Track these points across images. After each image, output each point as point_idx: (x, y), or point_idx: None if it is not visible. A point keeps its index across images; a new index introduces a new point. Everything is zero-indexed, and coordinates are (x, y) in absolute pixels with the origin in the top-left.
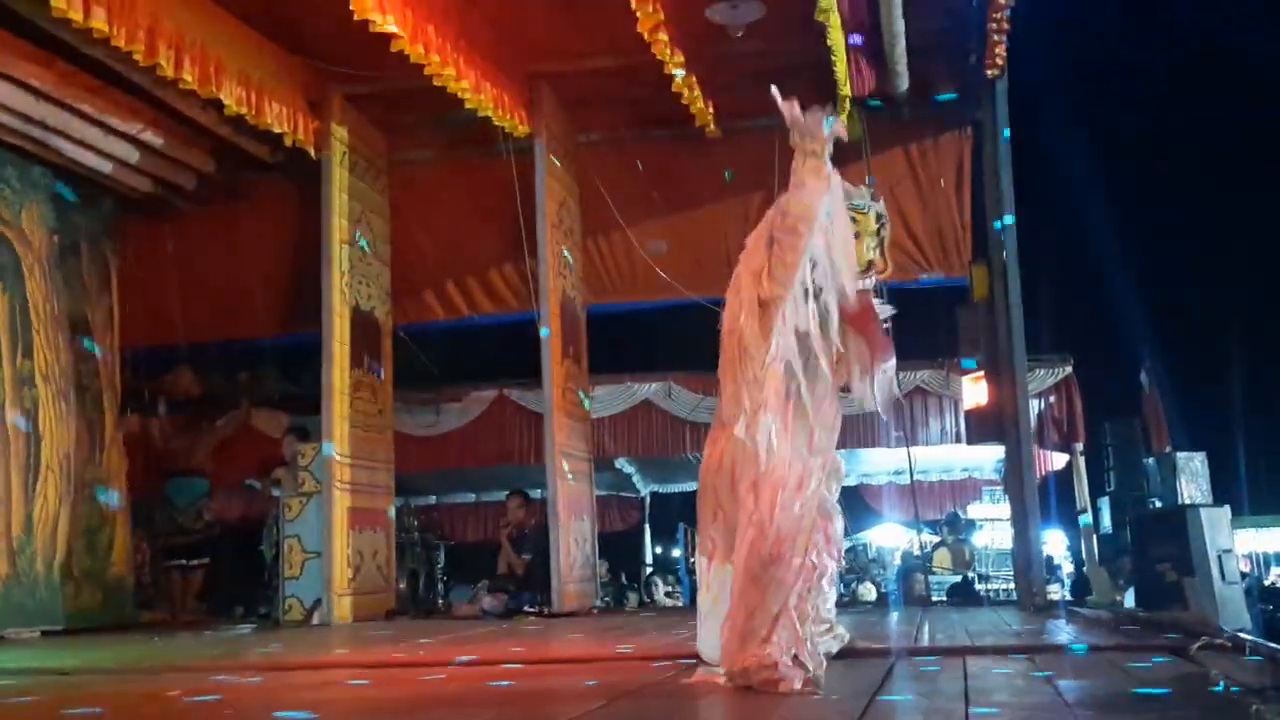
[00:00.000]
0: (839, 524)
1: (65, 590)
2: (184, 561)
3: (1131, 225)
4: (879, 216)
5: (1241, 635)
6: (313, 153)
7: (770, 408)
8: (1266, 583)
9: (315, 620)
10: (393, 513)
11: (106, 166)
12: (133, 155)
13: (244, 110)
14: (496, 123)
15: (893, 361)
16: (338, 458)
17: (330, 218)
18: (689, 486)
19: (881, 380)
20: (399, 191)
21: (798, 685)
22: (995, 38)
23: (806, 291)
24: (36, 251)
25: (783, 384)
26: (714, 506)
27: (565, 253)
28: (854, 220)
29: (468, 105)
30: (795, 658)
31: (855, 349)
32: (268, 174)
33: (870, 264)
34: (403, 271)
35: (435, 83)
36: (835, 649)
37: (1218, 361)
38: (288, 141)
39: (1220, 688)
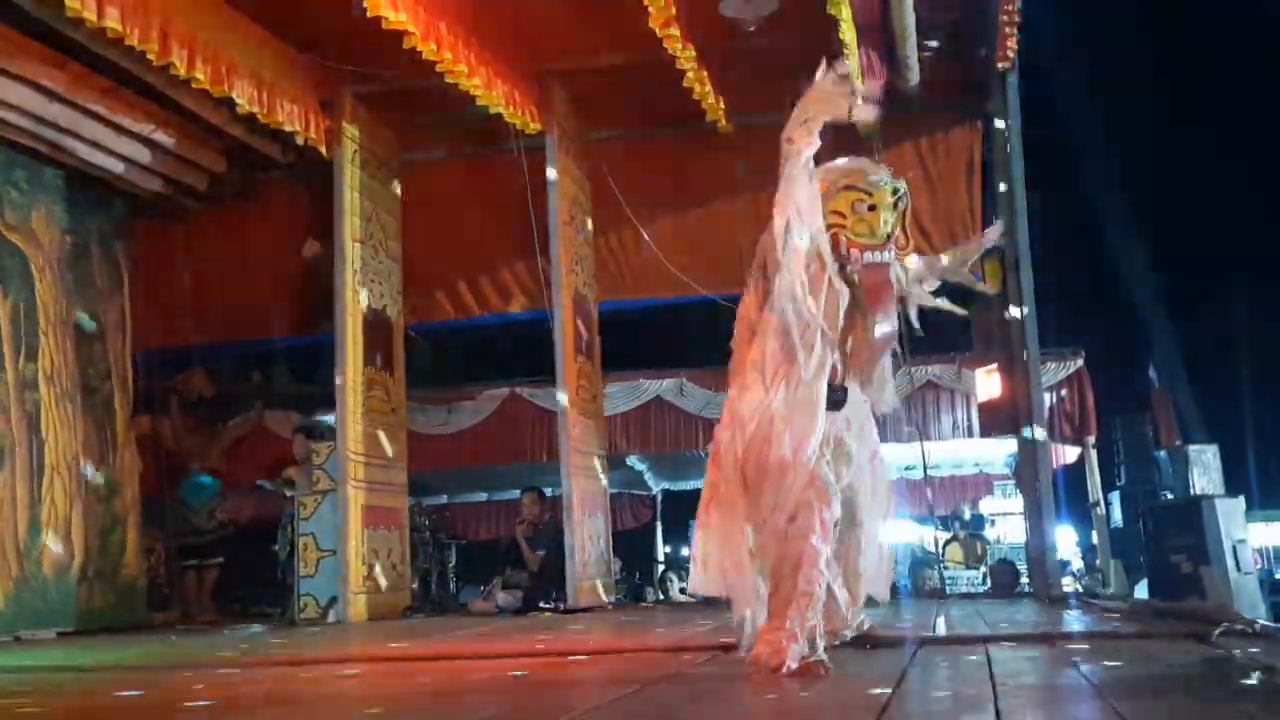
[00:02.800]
0: (836, 508)
1: (78, 592)
2: (198, 561)
3: (1143, 218)
4: (895, 191)
5: (1263, 622)
6: (324, 152)
7: (765, 376)
8: (1277, 576)
9: (331, 618)
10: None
11: (118, 167)
12: (144, 156)
13: (256, 109)
14: (508, 120)
15: (889, 327)
16: (351, 456)
17: (342, 216)
18: (700, 484)
19: (880, 337)
20: (410, 190)
21: (794, 665)
22: (1007, 30)
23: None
24: (47, 253)
25: (777, 351)
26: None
27: (577, 248)
28: (868, 194)
29: (479, 103)
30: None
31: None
32: (279, 174)
33: (889, 237)
34: (414, 270)
35: (447, 80)
36: (848, 636)
37: (1228, 356)
38: (299, 141)
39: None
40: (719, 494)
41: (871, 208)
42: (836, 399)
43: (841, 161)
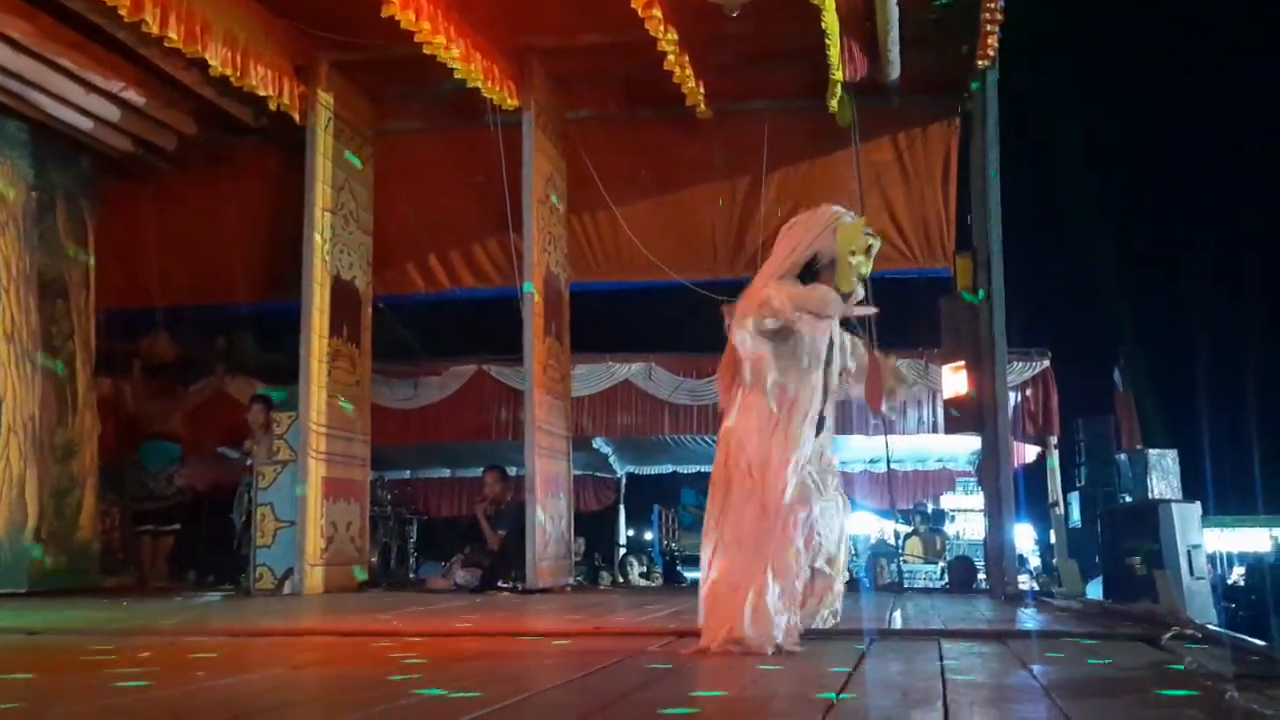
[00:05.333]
0: (816, 509)
1: (31, 553)
2: (154, 527)
3: (1116, 222)
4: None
5: (1212, 627)
6: (297, 118)
7: (753, 396)
8: (1229, 581)
9: (286, 590)
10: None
11: (86, 124)
12: (113, 113)
13: (228, 72)
14: (485, 95)
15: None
16: (313, 427)
17: (313, 184)
18: (665, 468)
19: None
20: (383, 161)
21: (769, 649)
22: (988, 29)
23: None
24: (11, 208)
25: (767, 376)
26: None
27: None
28: (873, 240)
29: (456, 76)
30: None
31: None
32: (250, 138)
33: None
34: (384, 242)
35: (425, 51)
36: (814, 623)
37: (1188, 364)
38: (272, 106)
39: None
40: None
41: (868, 250)
42: (821, 422)
43: (839, 208)
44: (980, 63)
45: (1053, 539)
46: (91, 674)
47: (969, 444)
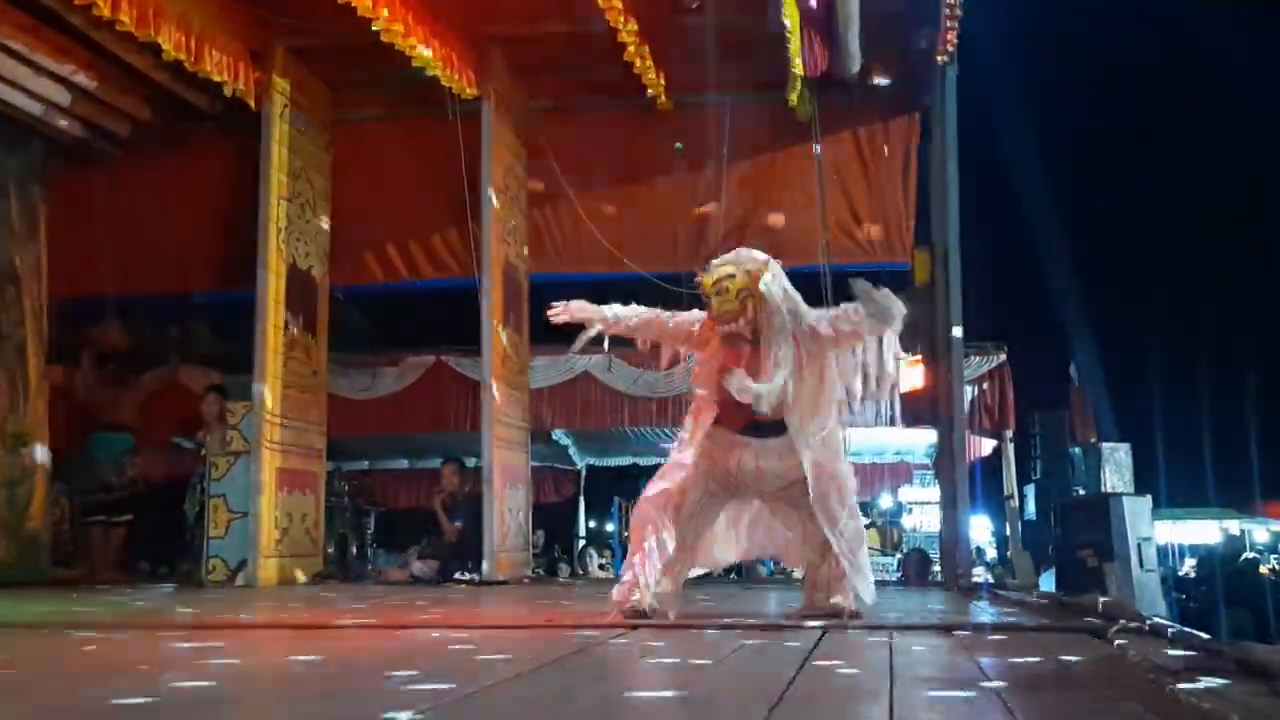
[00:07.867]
0: (657, 500)
1: None
2: (105, 518)
3: (1069, 220)
4: (720, 279)
5: (1159, 619)
6: (253, 104)
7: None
8: (1180, 573)
9: (239, 581)
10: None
11: (37, 108)
12: (65, 98)
13: (182, 56)
14: (444, 83)
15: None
16: (268, 417)
17: (269, 172)
18: (625, 460)
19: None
20: (341, 149)
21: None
22: (948, 24)
23: None
24: None
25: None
26: None
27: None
28: (716, 280)
29: (415, 63)
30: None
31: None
32: (205, 124)
33: (735, 313)
34: (342, 231)
35: (383, 38)
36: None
37: (1142, 358)
38: (227, 91)
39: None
40: None
41: (719, 292)
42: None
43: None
44: (940, 59)
45: (1008, 531)
46: (33, 669)
47: (926, 437)
